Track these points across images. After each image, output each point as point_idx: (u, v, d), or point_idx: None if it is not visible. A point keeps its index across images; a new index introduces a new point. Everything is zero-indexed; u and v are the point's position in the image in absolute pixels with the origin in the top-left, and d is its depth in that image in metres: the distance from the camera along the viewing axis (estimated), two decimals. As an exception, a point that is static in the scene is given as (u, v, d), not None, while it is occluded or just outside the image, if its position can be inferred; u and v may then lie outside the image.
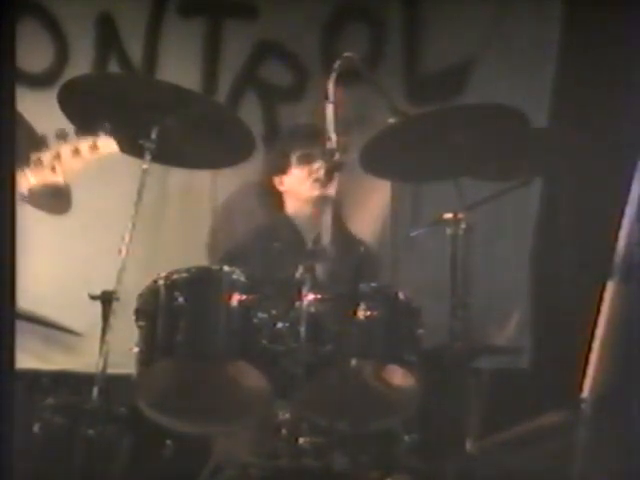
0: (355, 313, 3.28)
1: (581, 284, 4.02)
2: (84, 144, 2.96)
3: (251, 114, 4.28)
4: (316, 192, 3.87)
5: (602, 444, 3.18)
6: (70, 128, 3.03)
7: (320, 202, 3.87)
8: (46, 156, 2.92)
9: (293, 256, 3.52)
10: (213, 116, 3.61)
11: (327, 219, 3.89)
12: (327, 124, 3.32)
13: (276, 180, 4.01)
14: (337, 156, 3.35)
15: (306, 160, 3.90)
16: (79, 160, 2.95)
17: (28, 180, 2.91)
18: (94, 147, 2.96)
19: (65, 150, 2.94)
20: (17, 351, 2.14)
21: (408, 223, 4.22)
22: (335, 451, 3.22)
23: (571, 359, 3.46)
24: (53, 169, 2.93)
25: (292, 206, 3.99)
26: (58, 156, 2.93)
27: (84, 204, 3.92)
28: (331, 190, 3.85)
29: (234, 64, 4.41)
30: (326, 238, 3.74)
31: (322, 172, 3.79)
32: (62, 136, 2.95)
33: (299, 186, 3.93)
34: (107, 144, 2.99)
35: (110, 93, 3.42)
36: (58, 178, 2.94)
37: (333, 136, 3.32)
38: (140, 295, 3.36)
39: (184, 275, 3.31)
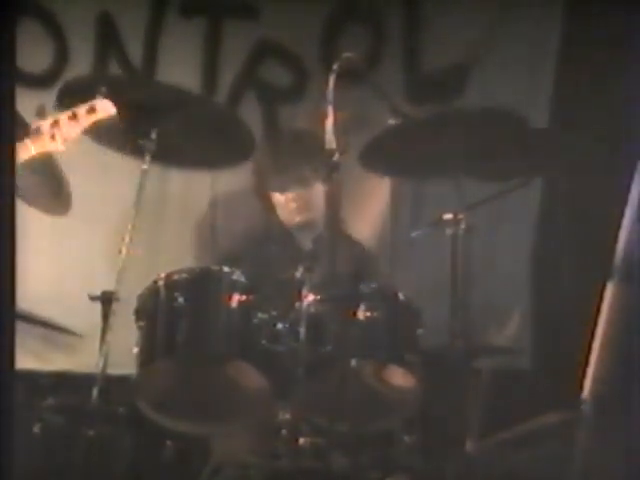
0: (355, 313, 3.28)
1: (581, 284, 4.02)
2: (81, 108, 2.96)
3: (251, 114, 4.28)
4: (297, 219, 3.86)
5: (602, 444, 3.17)
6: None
7: (302, 226, 3.86)
8: (45, 124, 2.91)
9: (288, 258, 3.53)
10: (213, 116, 3.61)
11: (317, 231, 3.88)
12: (326, 125, 3.32)
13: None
14: (336, 156, 3.34)
15: (281, 188, 3.88)
16: (77, 125, 2.94)
17: (29, 150, 2.90)
18: (92, 110, 2.96)
19: (63, 116, 2.93)
20: (17, 351, 2.14)
21: (408, 223, 4.22)
22: (335, 451, 3.22)
23: (571, 359, 3.46)
24: (52, 137, 2.92)
25: (281, 215, 3.98)
26: (56, 123, 2.92)
27: (84, 204, 3.92)
28: (312, 215, 3.83)
29: (234, 64, 4.40)
30: (323, 240, 3.74)
31: (298, 201, 3.79)
32: (59, 104, 2.95)
33: (280, 208, 3.91)
34: (105, 107, 2.99)
35: (110, 93, 3.42)
36: (58, 146, 2.93)
37: (332, 137, 3.32)
38: (140, 295, 3.36)
39: (184, 275, 3.31)
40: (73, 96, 3.47)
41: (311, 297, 3.22)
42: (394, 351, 3.35)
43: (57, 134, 2.92)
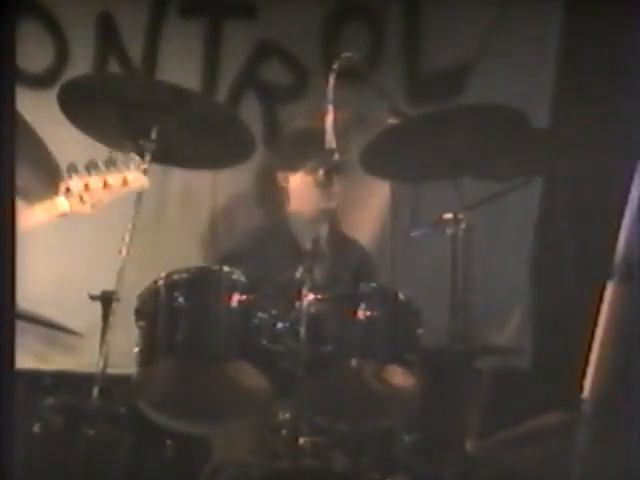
0: (355, 313, 3.28)
1: (581, 284, 4.02)
2: (115, 178, 2.98)
3: (251, 114, 4.28)
4: (322, 205, 3.81)
5: (602, 444, 3.18)
6: (99, 159, 3.04)
7: (322, 214, 3.84)
8: (75, 185, 2.94)
9: (288, 258, 3.52)
10: (213, 116, 3.61)
11: (325, 225, 3.88)
12: (326, 125, 3.32)
13: (280, 175, 3.98)
14: (336, 156, 3.34)
15: (317, 171, 3.86)
16: (108, 194, 2.97)
17: (57, 208, 2.93)
18: (124, 182, 2.98)
19: (95, 182, 2.96)
20: (17, 351, 2.14)
21: (408, 223, 4.22)
22: (335, 451, 3.22)
23: (571, 359, 3.47)
24: (82, 199, 2.95)
25: (293, 204, 3.96)
26: (87, 187, 2.95)
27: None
28: (334, 203, 3.82)
29: (234, 64, 4.41)
30: (324, 240, 3.73)
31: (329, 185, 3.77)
32: (92, 167, 2.97)
33: (304, 192, 3.89)
34: (137, 179, 3.02)
35: (110, 93, 3.43)
36: (86, 209, 2.97)
37: (332, 136, 3.32)
38: (140, 295, 3.36)
39: (184, 275, 3.31)
40: (73, 96, 3.49)
41: (311, 297, 3.21)
42: (394, 351, 3.35)
43: (86, 197, 2.94)
